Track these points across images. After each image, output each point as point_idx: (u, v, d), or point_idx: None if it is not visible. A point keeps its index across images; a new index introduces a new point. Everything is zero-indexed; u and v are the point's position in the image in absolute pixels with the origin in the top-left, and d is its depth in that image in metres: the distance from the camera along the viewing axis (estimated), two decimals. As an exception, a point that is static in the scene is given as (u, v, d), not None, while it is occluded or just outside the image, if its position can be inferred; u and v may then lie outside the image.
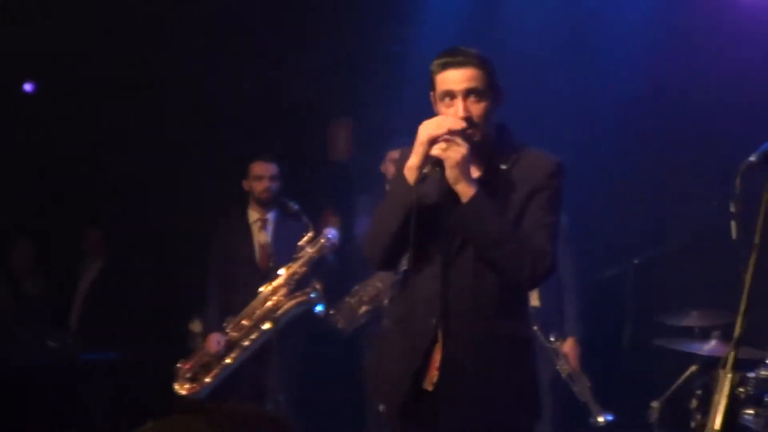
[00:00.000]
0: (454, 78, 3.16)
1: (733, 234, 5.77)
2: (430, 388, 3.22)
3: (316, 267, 6.02)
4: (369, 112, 7.10)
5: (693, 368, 5.39)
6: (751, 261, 3.00)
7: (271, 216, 6.27)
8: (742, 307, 2.97)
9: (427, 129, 3.13)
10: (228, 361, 6.00)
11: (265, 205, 6.23)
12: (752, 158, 3.01)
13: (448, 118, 3.15)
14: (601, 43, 6.37)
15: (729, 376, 2.93)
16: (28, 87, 7.84)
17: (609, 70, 6.28)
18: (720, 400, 2.89)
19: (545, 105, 6.50)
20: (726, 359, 2.92)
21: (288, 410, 5.88)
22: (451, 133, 3.10)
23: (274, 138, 7.11)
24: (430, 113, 3.27)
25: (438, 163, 3.11)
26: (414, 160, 3.15)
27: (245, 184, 6.26)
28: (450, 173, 3.11)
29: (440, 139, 3.10)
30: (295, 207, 6.00)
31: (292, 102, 7.35)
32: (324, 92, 7.29)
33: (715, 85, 5.95)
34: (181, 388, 6.04)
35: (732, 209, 5.68)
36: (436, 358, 3.21)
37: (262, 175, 6.19)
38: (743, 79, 5.82)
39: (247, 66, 7.40)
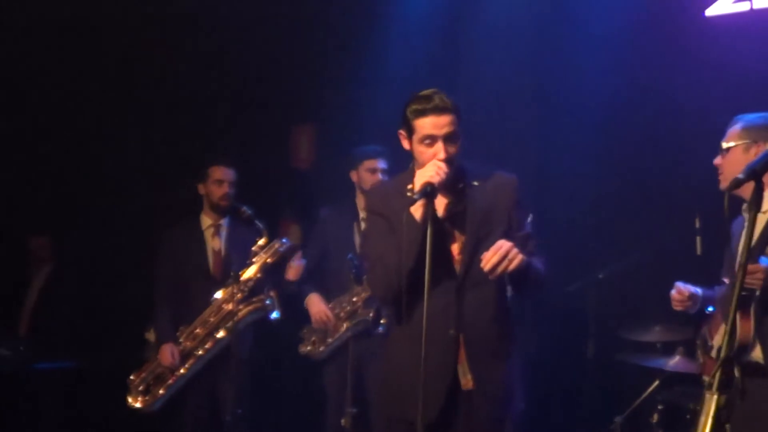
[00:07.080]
0: (436, 123, 3.63)
1: (698, 250, 5.76)
2: (469, 385, 3.64)
3: (271, 273, 5.88)
4: (333, 119, 6.97)
5: (656, 383, 5.40)
6: (738, 280, 2.94)
7: (224, 222, 6.10)
8: (729, 327, 2.93)
9: (423, 177, 3.59)
10: (182, 371, 5.86)
11: (221, 211, 6.07)
12: (740, 176, 2.97)
13: (433, 167, 3.60)
14: (568, 61, 6.34)
15: (715, 397, 2.90)
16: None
17: (575, 88, 6.26)
18: (706, 422, 2.86)
19: (510, 124, 6.46)
20: (712, 379, 2.89)
21: (246, 423, 5.74)
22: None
23: (231, 142, 6.96)
24: (395, 121, 3.71)
25: (429, 194, 3.56)
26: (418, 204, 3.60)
27: (201, 188, 6.08)
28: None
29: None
30: (249, 212, 5.85)
31: (252, 106, 7.21)
32: (286, 97, 7.14)
33: (681, 104, 5.94)
34: (135, 401, 5.89)
35: (696, 225, 5.67)
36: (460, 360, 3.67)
37: (223, 179, 6.02)
38: (711, 97, 5.82)
39: (209, 67, 7.22)
